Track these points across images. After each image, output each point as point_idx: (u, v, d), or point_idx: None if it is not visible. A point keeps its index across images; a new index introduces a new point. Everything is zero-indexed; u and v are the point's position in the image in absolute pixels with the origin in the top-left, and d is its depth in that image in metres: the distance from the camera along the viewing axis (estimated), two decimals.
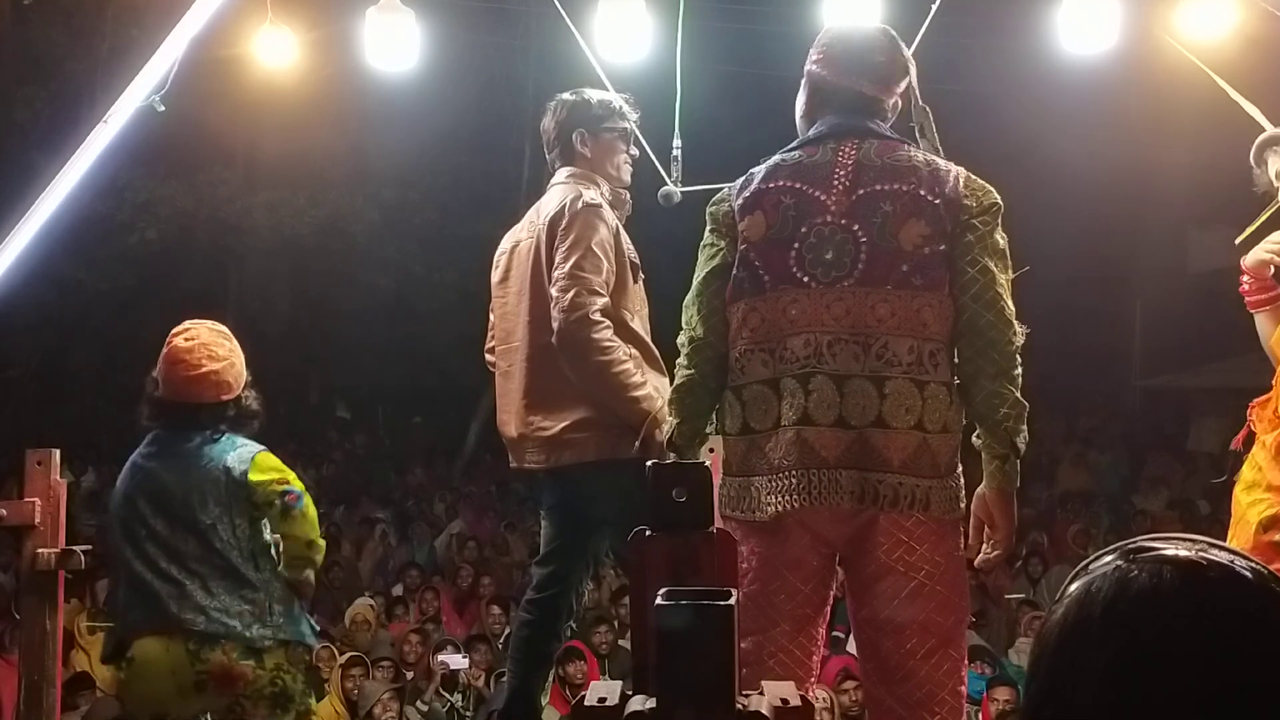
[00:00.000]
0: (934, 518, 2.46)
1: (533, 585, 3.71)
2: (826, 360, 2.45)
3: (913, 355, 2.44)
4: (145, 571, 3.33)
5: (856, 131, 2.60)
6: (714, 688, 1.30)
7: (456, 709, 6.58)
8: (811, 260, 2.50)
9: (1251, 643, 0.99)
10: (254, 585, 3.34)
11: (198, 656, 3.24)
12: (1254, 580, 1.03)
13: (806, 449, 2.45)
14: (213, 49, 5.03)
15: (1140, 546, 1.07)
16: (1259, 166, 3.15)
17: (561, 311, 3.23)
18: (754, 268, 2.56)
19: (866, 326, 2.45)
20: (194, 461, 3.39)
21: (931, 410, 2.44)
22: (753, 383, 2.56)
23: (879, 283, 2.46)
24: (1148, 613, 1.01)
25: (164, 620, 3.27)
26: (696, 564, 1.65)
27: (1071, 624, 1.05)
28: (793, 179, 2.58)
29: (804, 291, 2.50)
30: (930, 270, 2.46)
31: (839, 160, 2.56)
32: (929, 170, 2.52)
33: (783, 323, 2.51)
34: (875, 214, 2.48)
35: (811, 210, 2.53)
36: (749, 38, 13.55)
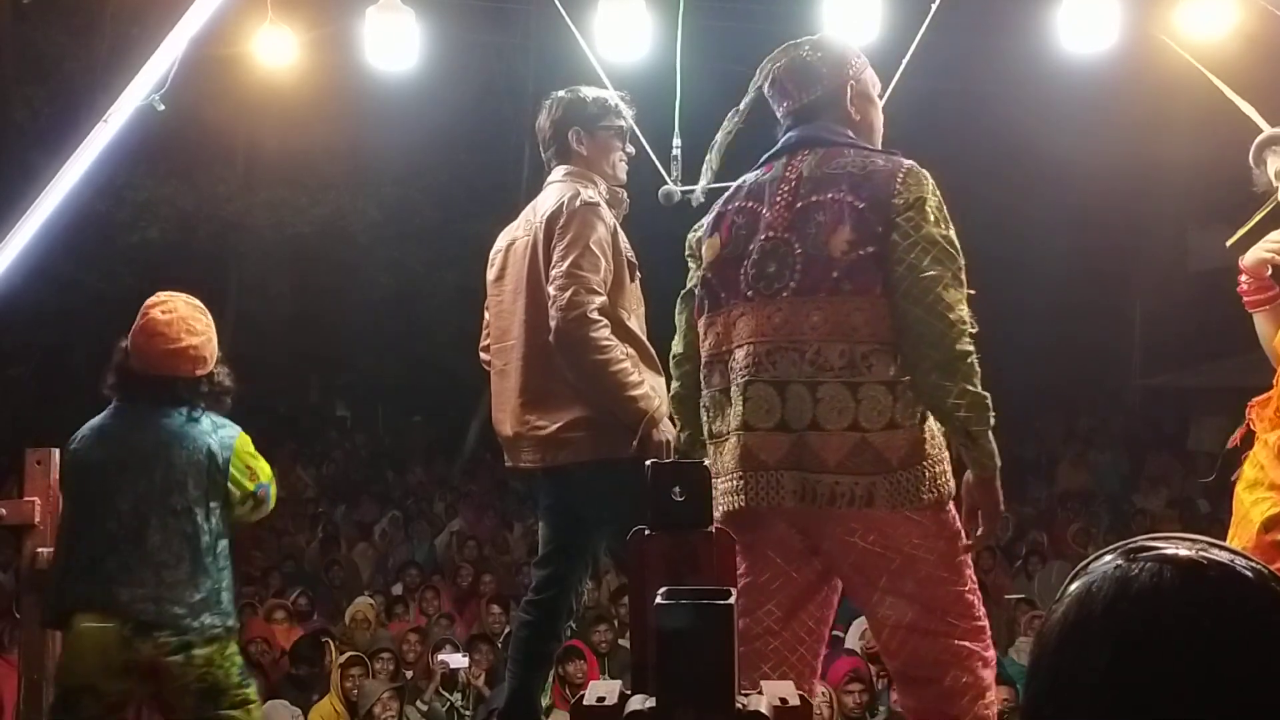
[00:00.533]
0: (889, 516, 2.52)
1: (532, 586, 3.70)
2: (766, 368, 2.56)
3: (844, 359, 2.51)
4: (101, 550, 3.28)
5: (806, 142, 2.71)
6: (713, 687, 1.30)
7: (456, 708, 6.58)
8: (755, 275, 2.62)
9: (1252, 642, 0.99)
10: (208, 573, 3.32)
11: (130, 644, 3.22)
12: (1254, 580, 1.03)
13: (747, 453, 2.58)
14: (213, 48, 5.03)
15: (1140, 546, 1.07)
16: (1258, 167, 3.14)
17: (559, 310, 3.22)
18: (711, 286, 2.73)
19: (801, 334, 2.54)
20: (176, 441, 3.34)
21: (868, 410, 2.50)
22: (713, 391, 2.73)
23: (812, 291, 2.55)
24: (1148, 612, 1.01)
25: (107, 603, 3.24)
26: (696, 563, 1.65)
27: (1072, 623, 1.05)
28: (746, 198, 2.73)
29: (749, 305, 2.63)
30: (859, 275, 2.52)
31: (785, 175, 2.67)
32: (860, 174, 2.59)
33: (732, 335, 2.66)
34: (809, 224, 2.58)
35: (757, 227, 2.66)
36: (749, 37, 13.54)
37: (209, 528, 3.34)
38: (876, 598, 2.60)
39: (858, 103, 2.77)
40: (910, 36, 4.18)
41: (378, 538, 11.27)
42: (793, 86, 2.78)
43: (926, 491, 2.54)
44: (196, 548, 3.31)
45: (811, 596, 2.71)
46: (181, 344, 3.37)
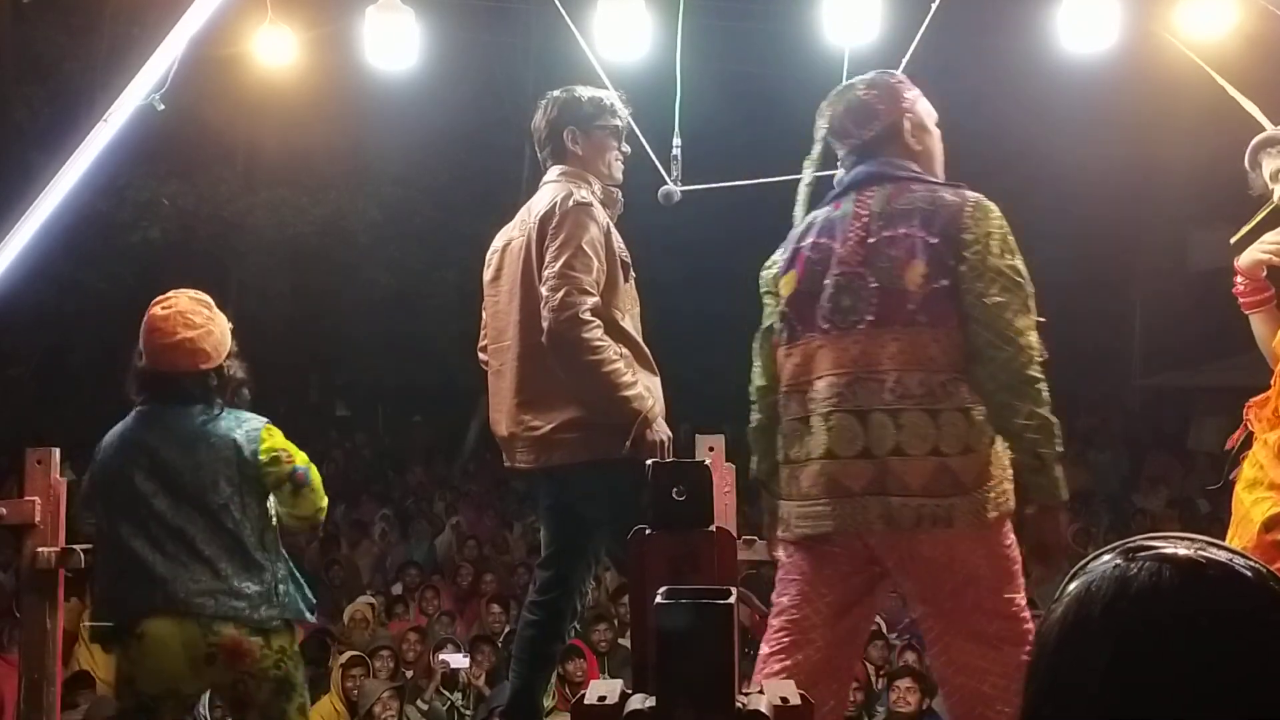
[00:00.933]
0: (961, 532, 2.64)
1: (536, 587, 3.70)
2: (848, 398, 2.70)
3: (923, 388, 2.65)
4: (149, 552, 3.23)
5: (873, 178, 2.83)
6: (714, 686, 1.30)
7: (457, 707, 6.59)
8: (831, 309, 2.76)
9: (1251, 641, 0.99)
10: (261, 565, 3.28)
11: (210, 629, 3.19)
12: (1253, 579, 1.03)
13: (832, 481, 2.71)
14: (212, 48, 5.03)
15: (1139, 545, 1.07)
16: (1254, 170, 3.15)
17: (551, 311, 3.21)
18: (789, 319, 2.87)
19: (879, 364, 2.68)
20: (200, 439, 3.30)
21: (948, 436, 2.64)
22: (791, 419, 2.85)
23: (889, 323, 2.68)
24: (1147, 611, 1.01)
25: (170, 603, 3.20)
26: (696, 562, 1.65)
27: (1071, 623, 1.05)
28: (819, 235, 2.86)
29: (826, 338, 2.76)
30: (934, 307, 2.66)
31: (856, 212, 2.80)
32: (929, 209, 2.71)
33: (812, 366, 2.79)
34: (883, 260, 2.71)
35: (830, 262, 2.79)
36: (749, 37, 13.56)
37: (250, 521, 3.29)
38: (937, 608, 2.74)
39: (917, 134, 2.89)
40: (910, 36, 4.18)
41: (378, 537, 11.27)
42: (852, 125, 2.90)
43: (992, 509, 2.66)
44: (241, 542, 3.26)
45: (858, 602, 2.87)
46: (177, 338, 3.32)
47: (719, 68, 12.10)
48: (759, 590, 8.39)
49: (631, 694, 1.49)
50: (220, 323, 3.43)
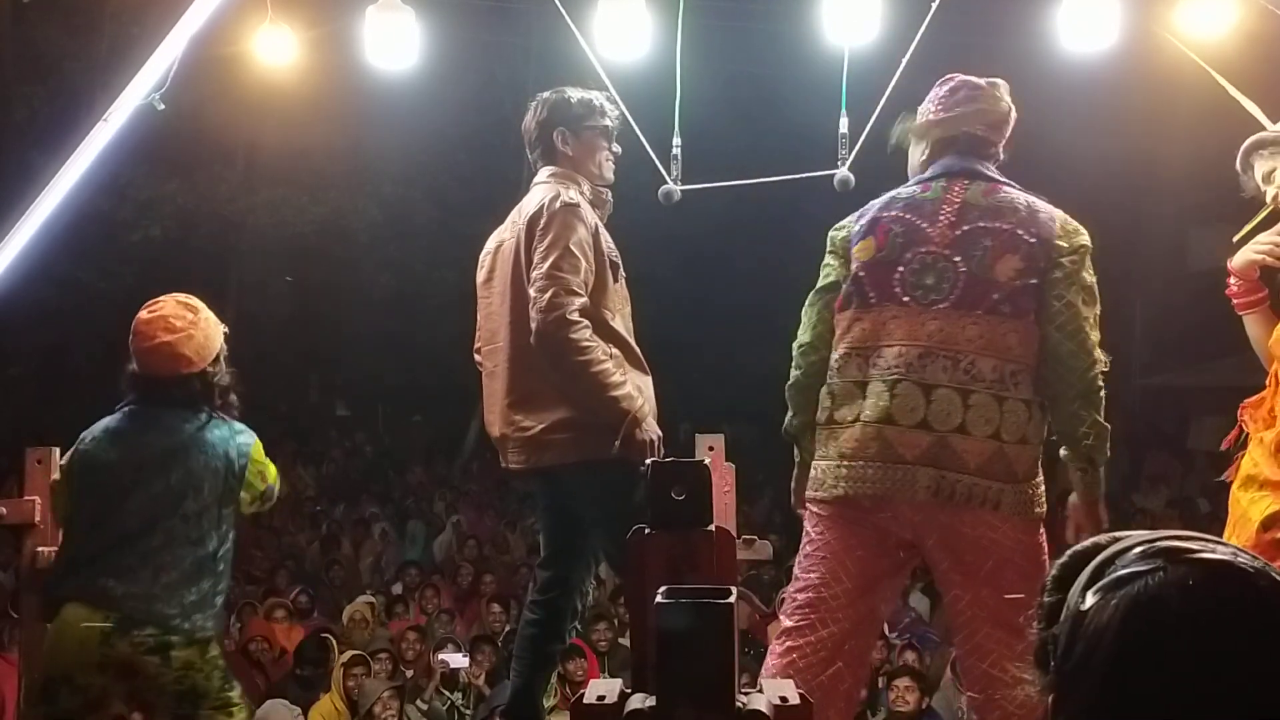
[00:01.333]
0: (1004, 517, 2.76)
1: (535, 587, 3.72)
2: (915, 370, 2.79)
3: (996, 374, 2.76)
4: (103, 544, 3.26)
5: (966, 173, 2.94)
6: (714, 686, 1.30)
7: (457, 707, 6.59)
8: (913, 283, 2.85)
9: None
10: (209, 575, 3.30)
11: (107, 640, 3.19)
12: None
13: (886, 445, 2.79)
14: (213, 47, 5.03)
15: (1174, 548, 1.06)
16: (1245, 172, 3.14)
17: (540, 312, 3.22)
18: (862, 284, 2.92)
19: (956, 344, 2.78)
20: (192, 445, 3.32)
21: (1009, 423, 2.76)
22: (845, 381, 2.91)
23: (971, 308, 2.79)
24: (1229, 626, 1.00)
25: (100, 593, 3.22)
26: (696, 562, 1.65)
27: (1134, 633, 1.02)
28: (904, 211, 2.94)
29: (903, 309, 2.85)
30: (1020, 300, 2.78)
31: (947, 198, 2.90)
32: (1028, 211, 2.85)
33: (881, 334, 2.86)
34: (976, 248, 2.82)
35: (917, 239, 2.88)
36: (749, 37, 13.55)
37: (217, 533, 3.33)
38: (973, 590, 2.80)
39: (1008, 147, 3.04)
40: (910, 36, 4.18)
41: (378, 537, 11.27)
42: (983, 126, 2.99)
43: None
44: (201, 551, 3.29)
45: (882, 581, 2.96)
46: (156, 341, 3.34)
47: (719, 68, 12.09)
48: (759, 590, 8.41)
49: (631, 694, 1.49)
50: (205, 327, 3.42)
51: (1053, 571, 1.18)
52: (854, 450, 2.84)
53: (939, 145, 3.03)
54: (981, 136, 3.00)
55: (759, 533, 4.58)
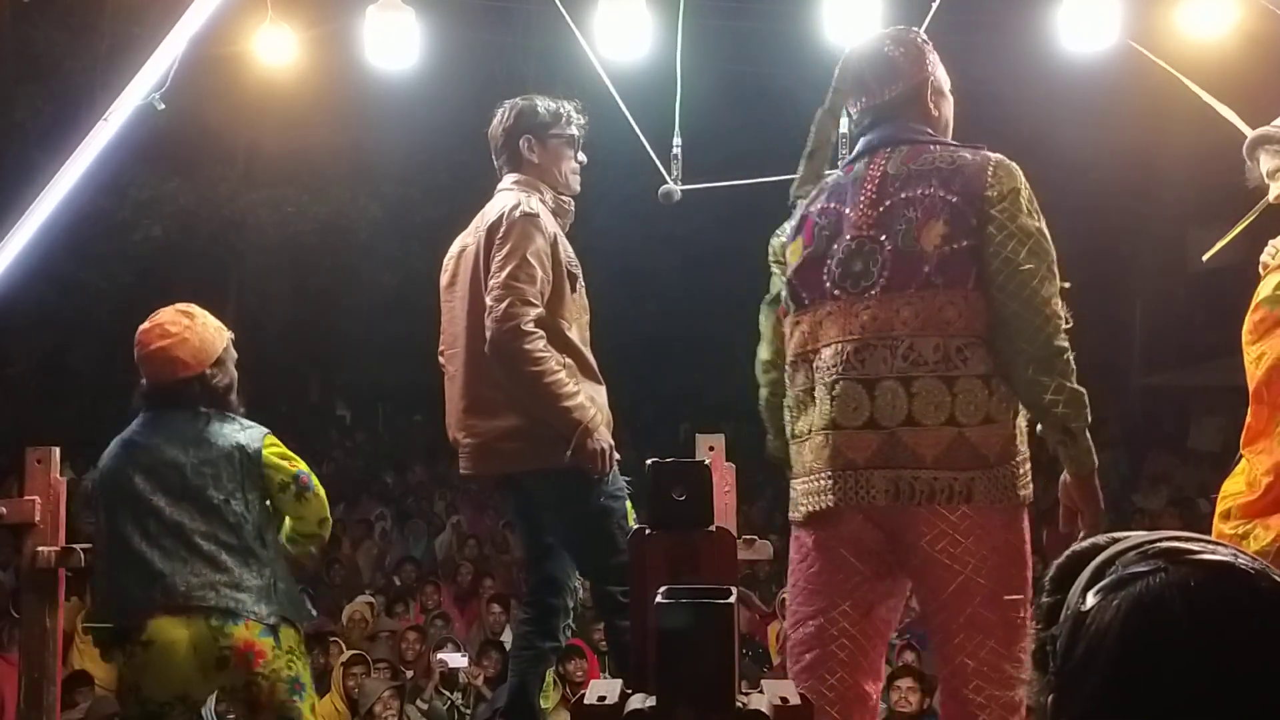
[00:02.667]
0: (979, 508, 2.50)
1: (528, 587, 3.78)
2: (854, 366, 2.55)
3: (939, 353, 2.50)
4: (148, 549, 3.24)
5: (889, 140, 2.67)
6: (714, 686, 1.30)
7: (457, 707, 6.59)
8: (841, 274, 2.61)
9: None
10: (262, 561, 3.30)
11: (221, 631, 3.18)
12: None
13: (836, 452, 2.57)
14: (213, 47, 5.03)
15: (1174, 549, 1.06)
16: (1251, 160, 3.14)
17: (495, 321, 3.23)
18: (795, 288, 2.72)
19: (892, 330, 2.53)
20: (202, 439, 3.34)
21: (965, 405, 2.50)
22: (797, 391, 2.72)
23: (902, 287, 2.53)
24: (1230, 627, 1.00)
25: (170, 598, 3.19)
26: (696, 562, 1.65)
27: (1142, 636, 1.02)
28: (829, 200, 2.71)
29: (836, 304, 2.62)
30: (952, 268, 2.51)
31: (869, 174, 2.64)
32: (950, 168, 2.56)
33: (818, 334, 2.65)
34: (899, 221, 2.56)
35: (841, 227, 2.64)
36: (749, 36, 13.56)
37: (250, 517, 3.32)
38: (953, 591, 2.54)
39: (935, 99, 2.75)
40: None
41: (378, 536, 11.27)
42: (874, 82, 2.72)
43: (1022, 488, 2.56)
44: (242, 535, 3.28)
45: (884, 599, 2.70)
46: (152, 348, 3.39)
47: (719, 68, 12.10)
48: (759, 590, 8.41)
49: (631, 694, 1.49)
50: (201, 331, 3.45)
51: (1051, 572, 1.18)
52: (809, 465, 2.64)
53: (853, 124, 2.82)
54: (889, 99, 2.71)
55: (759, 533, 4.58)
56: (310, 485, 3.45)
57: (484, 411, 3.38)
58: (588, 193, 3.69)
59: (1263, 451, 2.83)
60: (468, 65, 13.50)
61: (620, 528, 3.32)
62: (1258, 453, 2.85)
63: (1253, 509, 2.80)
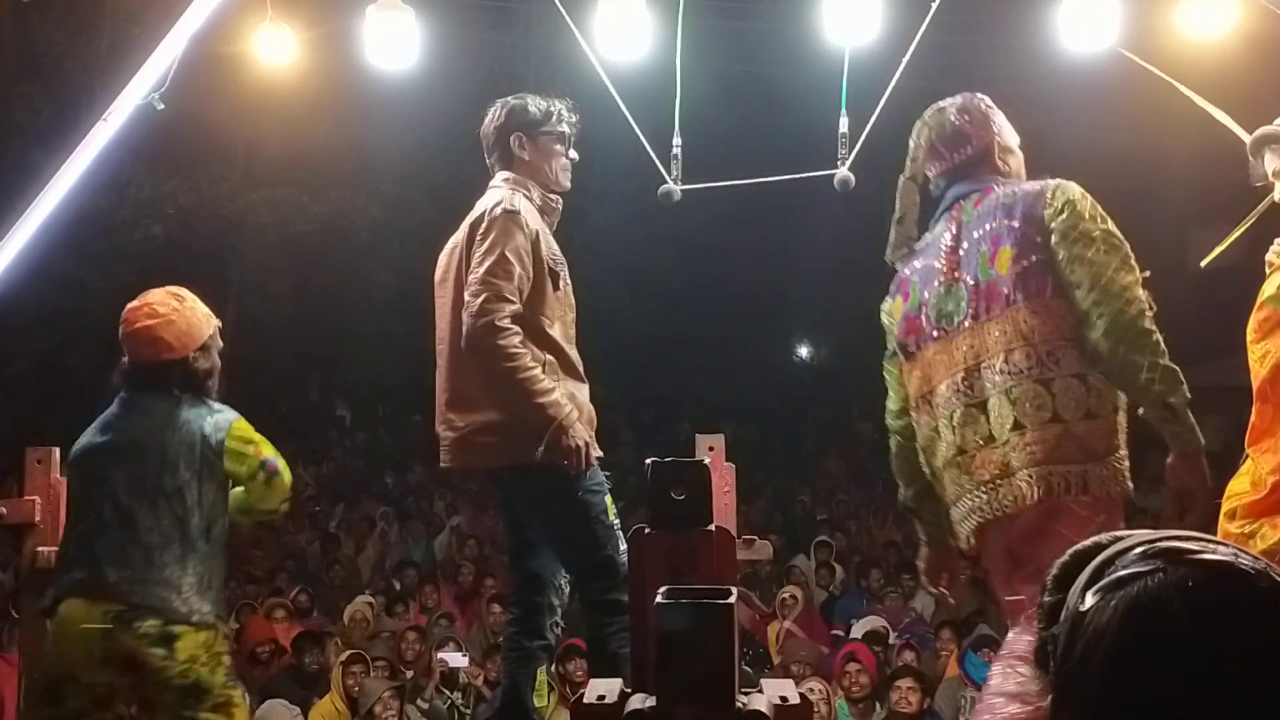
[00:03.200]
0: (1094, 496, 2.68)
1: (513, 588, 3.79)
2: (964, 393, 2.79)
3: (1031, 360, 2.70)
4: (92, 531, 3.26)
5: (960, 195, 2.96)
6: (713, 685, 1.30)
7: (456, 706, 6.59)
8: (935, 316, 2.90)
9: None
10: (199, 555, 3.28)
11: (111, 634, 3.17)
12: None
13: (971, 476, 2.79)
14: (212, 47, 5.04)
15: (1174, 549, 1.06)
16: (1255, 158, 3.14)
17: (470, 316, 3.25)
18: (902, 341, 3.01)
19: (987, 351, 2.77)
20: (168, 423, 3.33)
21: (1066, 401, 2.68)
22: (925, 431, 2.95)
23: (989, 313, 2.78)
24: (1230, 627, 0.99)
25: (97, 584, 3.20)
26: (696, 562, 1.65)
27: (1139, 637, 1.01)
28: (920, 258, 3.02)
29: (937, 344, 2.89)
30: (1027, 283, 2.73)
31: (948, 228, 2.94)
32: (1011, 200, 2.83)
33: (930, 375, 2.91)
34: (974, 257, 2.84)
35: (930, 277, 2.94)
36: (749, 36, 13.55)
37: (201, 510, 3.30)
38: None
39: (1004, 156, 3.02)
40: (910, 36, 4.18)
41: (378, 536, 11.27)
42: (944, 149, 3.02)
43: (1123, 480, 2.75)
44: (187, 529, 3.27)
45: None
46: (137, 326, 3.38)
47: (719, 68, 12.09)
48: (759, 590, 8.41)
49: (631, 693, 1.49)
50: (189, 315, 3.44)
51: (1053, 571, 1.17)
52: (954, 492, 2.86)
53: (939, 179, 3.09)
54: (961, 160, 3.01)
55: (759, 533, 4.59)
56: (278, 469, 3.43)
57: (462, 406, 3.40)
58: (588, 192, 3.69)
59: (1268, 450, 2.84)
60: (468, 65, 13.50)
61: (600, 523, 3.33)
62: (1263, 451, 2.86)
63: (1258, 508, 2.81)
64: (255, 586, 8.83)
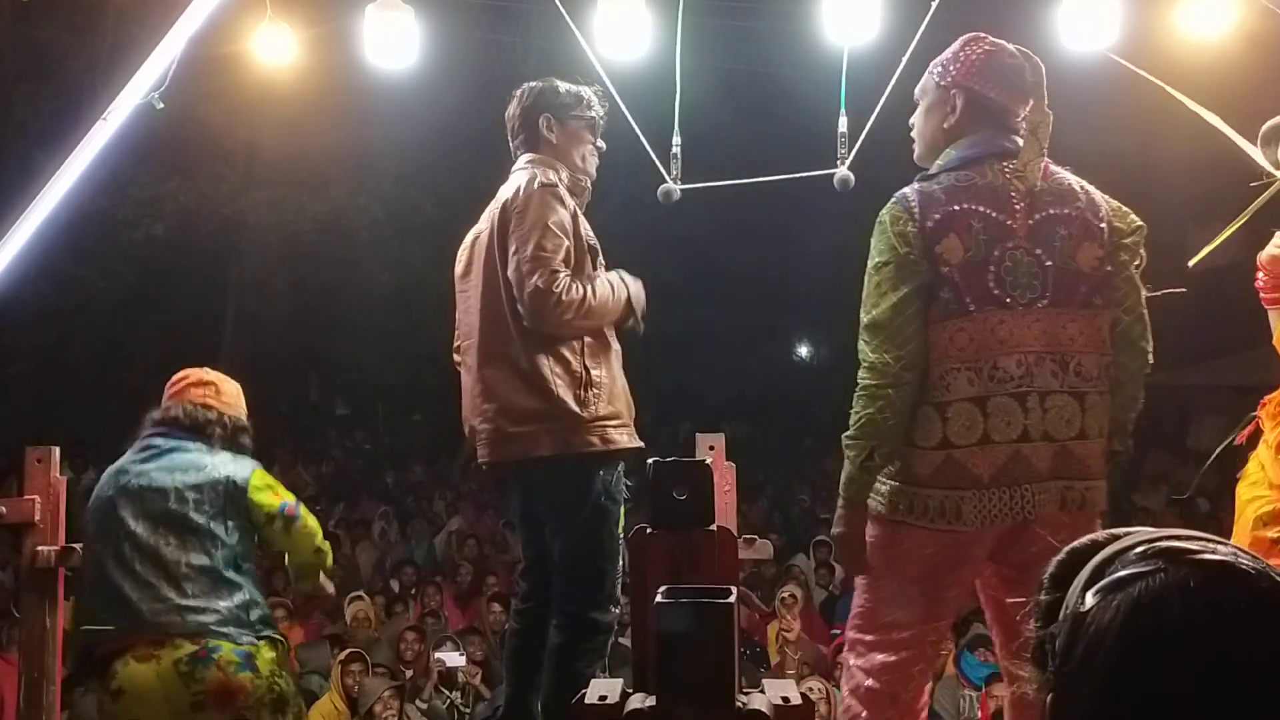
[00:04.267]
0: (1092, 511, 2.70)
1: (519, 595, 3.71)
2: (1035, 378, 2.62)
3: (1097, 371, 2.67)
4: (120, 578, 3.23)
5: (1010, 152, 2.74)
6: (713, 685, 1.30)
7: (456, 705, 6.59)
8: (1011, 283, 2.62)
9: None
10: (232, 584, 3.28)
11: (192, 676, 3.12)
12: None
13: (1026, 465, 2.61)
14: (212, 46, 5.03)
15: (1174, 549, 1.06)
16: (1265, 148, 3.14)
17: (530, 297, 3.17)
18: (957, 289, 2.61)
19: (1061, 345, 2.63)
20: (193, 467, 3.35)
21: (1104, 418, 2.70)
22: (957, 400, 2.62)
23: (1066, 303, 2.64)
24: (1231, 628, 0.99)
25: (138, 630, 3.17)
26: (697, 561, 1.65)
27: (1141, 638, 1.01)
28: (975, 202, 2.66)
29: (1009, 313, 2.61)
30: (1105, 290, 2.67)
31: (1010, 183, 2.69)
32: (1086, 195, 2.73)
33: (991, 342, 2.61)
34: (1054, 238, 2.65)
35: (1000, 234, 2.64)
36: (748, 35, 13.55)
37: (230, 542, 3.31)
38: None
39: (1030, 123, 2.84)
40: (910, 36, 4.18)
41: (377, 536, 11.26)
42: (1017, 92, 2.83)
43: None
44: (215, 559, 3.27)
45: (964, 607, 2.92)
46: (194, 379, 3.52)
47: (719, 67, 12.10)
48: (759, 589, 8.41)
49: (631, 693, 1.49)
50: (229, 388, 3.58)
51: (1050, 569, 1.17)
52: (991, 475, 2.59)
53: (974, 119, 2.78)
54: (1018, 114, 2.81)
55: (759, 532, 4.59)
56: (297, 515, 3.43)
57: (497, 395, 3.32)
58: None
59: None
60: (468, 65, 13.51)
61: (609, 533, 3.29)
62: None
63: None
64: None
